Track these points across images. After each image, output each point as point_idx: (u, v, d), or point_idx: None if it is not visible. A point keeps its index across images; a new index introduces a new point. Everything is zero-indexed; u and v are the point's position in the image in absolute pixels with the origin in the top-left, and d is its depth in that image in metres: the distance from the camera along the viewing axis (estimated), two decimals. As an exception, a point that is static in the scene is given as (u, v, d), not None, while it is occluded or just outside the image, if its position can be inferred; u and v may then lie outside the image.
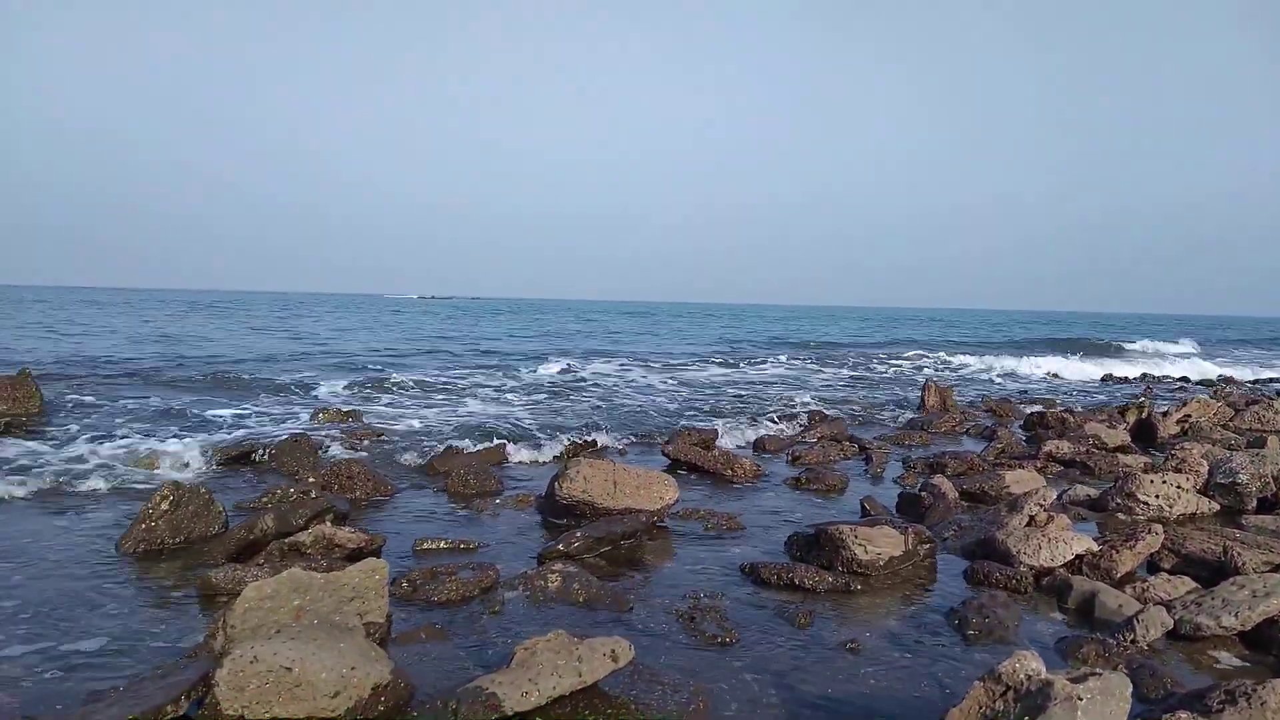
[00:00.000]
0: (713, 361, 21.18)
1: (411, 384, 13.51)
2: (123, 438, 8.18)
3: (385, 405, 11.28)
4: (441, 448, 7.94)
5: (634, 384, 15.35)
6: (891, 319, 75.00)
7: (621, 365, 18.93)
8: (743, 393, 14.33)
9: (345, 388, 12.91)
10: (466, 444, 8.28)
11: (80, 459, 7.18)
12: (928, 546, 4.89)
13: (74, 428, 8.63)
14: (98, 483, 6.40)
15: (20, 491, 6.05)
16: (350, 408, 10.32)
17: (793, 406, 12.24)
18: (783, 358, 23.27)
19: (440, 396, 12.44)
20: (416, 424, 9.72)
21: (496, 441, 8.39)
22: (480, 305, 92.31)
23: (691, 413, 11.47)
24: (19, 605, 3.97)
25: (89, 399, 10.61)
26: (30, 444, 7.80)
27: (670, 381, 15.80)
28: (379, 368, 16.87)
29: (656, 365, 19.16)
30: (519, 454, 8.13)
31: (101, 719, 2.77)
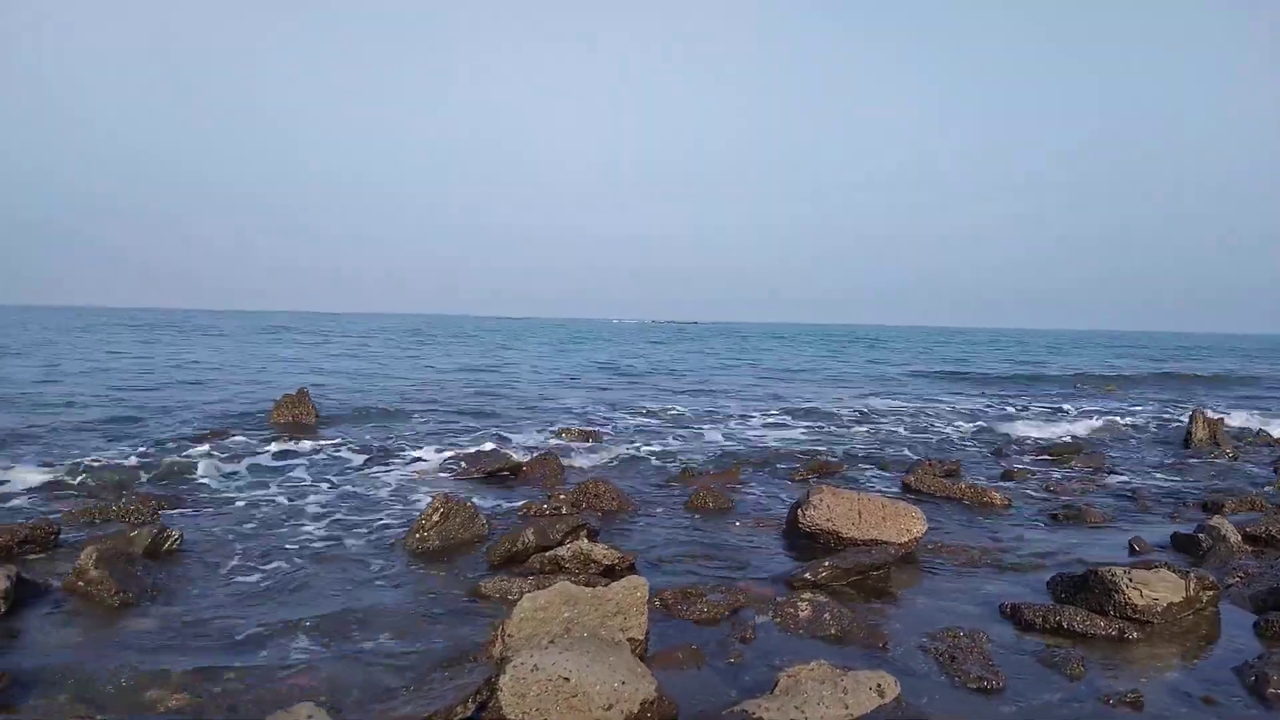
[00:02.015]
0: (941, 388, 20.41)
1: (648, 408, 13.91)
2: (392, 451, 8.97)
3: (624, 427, 11.69)
4: (680, 469, 8.12)
5: (857, 409, 15.04)
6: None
7: (834, 391, 18.62)
8: (975, 424, 13.68)
9: (585, 409, 13.49)
10: (705, 467, 8.41)
11: (356, 468, 7.95)
12: (1211, 594, 4.46)
13: (347, 440, 9.55)
14: (372, 491, 7.05)
15: (305, 498, 6.75)
16: (591, 428, 10.77)
17: (1032, 439, 11.57)
18: (1019, 389, 22.09)
19: (676, 420, 12.74)
20: (655, 445, 10.00)
21: (734, 464, 8.47)
22: (704, 330, 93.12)
23: (924, 444, 11.08)
24: (313, 602, 4.44)
25: (357, 417, 11.70)
26: (308, 450, 8.72)
27: (893, 410, 15.34)
28: (620, 392, 17.48)
29: (877, 391, 18.67)
30: (756, 478, 8.15)
31: (401, 715, 3.03)
